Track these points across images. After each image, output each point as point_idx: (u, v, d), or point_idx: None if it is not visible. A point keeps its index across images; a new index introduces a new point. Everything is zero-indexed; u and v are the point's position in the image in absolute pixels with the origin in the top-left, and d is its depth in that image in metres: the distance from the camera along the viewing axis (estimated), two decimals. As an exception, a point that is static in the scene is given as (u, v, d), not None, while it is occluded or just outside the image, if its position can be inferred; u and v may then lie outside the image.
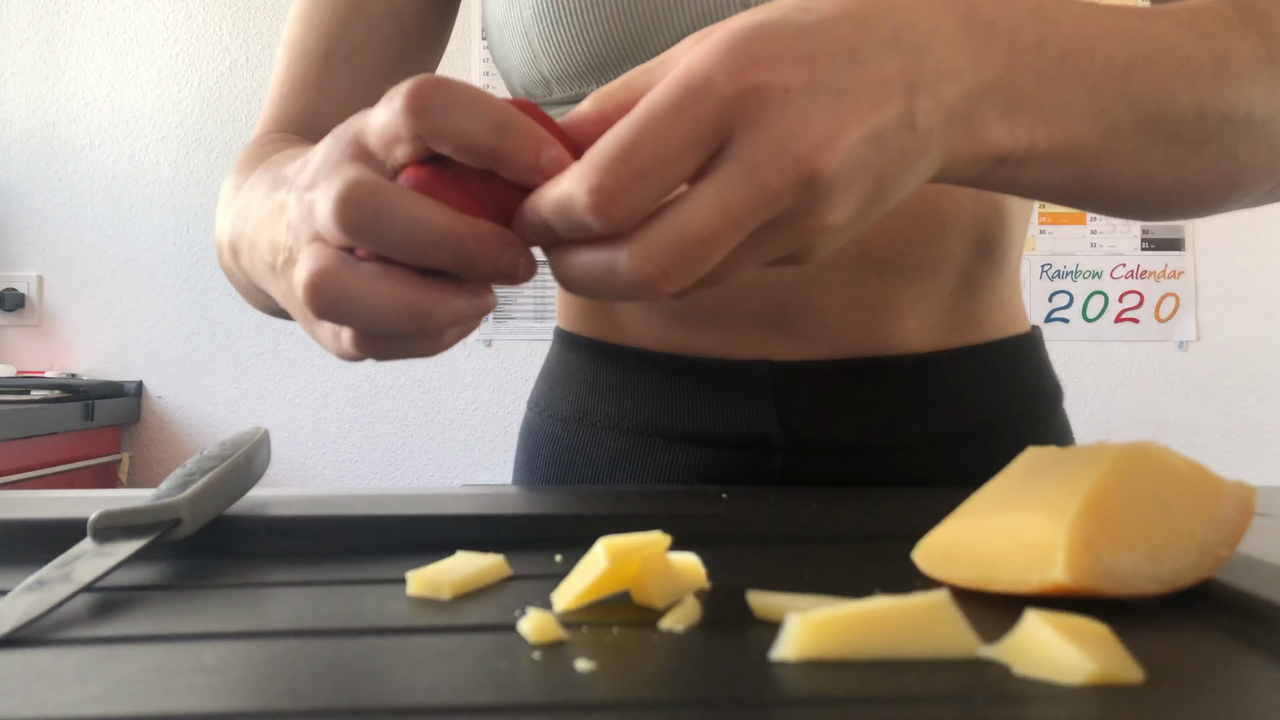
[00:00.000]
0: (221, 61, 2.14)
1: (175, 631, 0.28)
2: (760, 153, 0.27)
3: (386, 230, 0.28)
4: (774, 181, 0.27)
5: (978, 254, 0.57)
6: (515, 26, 0.55)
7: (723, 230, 0.27)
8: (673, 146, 0.26)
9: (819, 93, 0.27)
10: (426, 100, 0.28)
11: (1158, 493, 0.30)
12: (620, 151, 0.26)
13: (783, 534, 0.41)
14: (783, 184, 0.27)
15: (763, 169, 0.27)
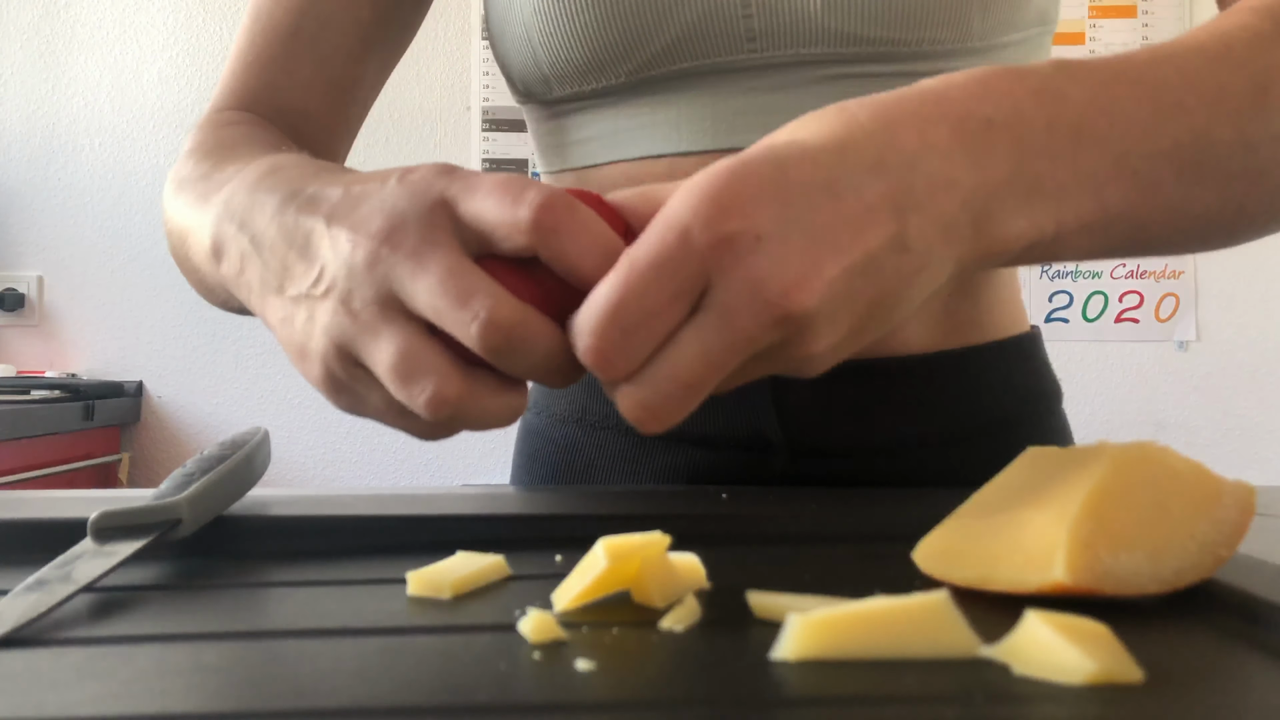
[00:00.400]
0: (221, 61, 2.14)
1: (175, 631, 0.28)
2: (734, 299, 0.28)
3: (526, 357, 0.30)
4: (749, 326, 0.28)
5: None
6: (516, 24, 0.55)
7: (704, 374, 0.29)
8: (656, 301, 0.28)
9: (790, 234, 0.28)
10: (559, 223, 0.29)
11: (1158, 493, 0.30)
12: (607, 313, 0.28)
13: (783, 534, 0.41)
14: (758, 327, 0.28)
15: (738, 315, 0.28)
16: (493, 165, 2.14)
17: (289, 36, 0.59)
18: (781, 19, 0.51)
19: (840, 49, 0.51)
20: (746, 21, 0.51)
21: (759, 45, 0.51)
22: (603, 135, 0.56)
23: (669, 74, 0.53)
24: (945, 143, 0.31)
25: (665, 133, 0.54)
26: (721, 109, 0.53)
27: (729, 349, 0.29)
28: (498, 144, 2.14)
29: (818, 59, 0.51)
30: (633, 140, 0.55)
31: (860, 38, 0.50)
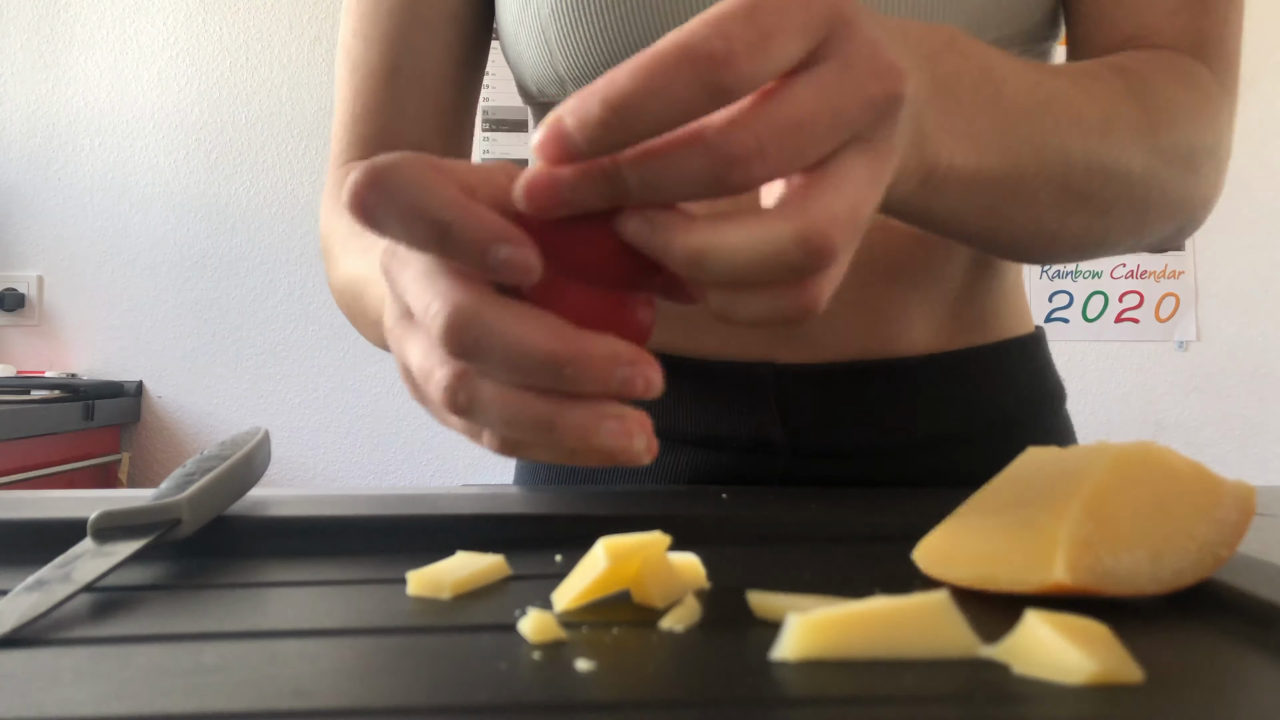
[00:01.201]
0: (221, 61, 2.14)
1: (175, 631, 0.28)
2: (856, 52, 0.27)
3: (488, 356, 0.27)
4: (863, 86, 0.27)
5: (981, 256, 0.57)
6: (531, 25, 0.55)
7: (869, 204, 0.28)
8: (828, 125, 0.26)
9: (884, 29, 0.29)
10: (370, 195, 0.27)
11: (1158, 493, 0.30)
12: (783, 116, 0.26)
13: (783, 534, 0.41)
14: (868, 92, 0.27)
15: (856, 70, 0.27)
16: (493, 165, 2.14)
17: (390, 76, 0.60)
18: None
19: None
20: None
21: None
22: None
23: None
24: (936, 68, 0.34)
25: None
26: None
27: (884, 184, 0.28)
28: (498, 144, 2.14)
29: None
30: None
31: None
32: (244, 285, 2.12)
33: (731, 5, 0.25)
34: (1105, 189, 0.43)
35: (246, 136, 2.13)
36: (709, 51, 0.24)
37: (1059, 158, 0.40)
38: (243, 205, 2.12)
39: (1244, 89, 0.57)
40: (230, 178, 2.12)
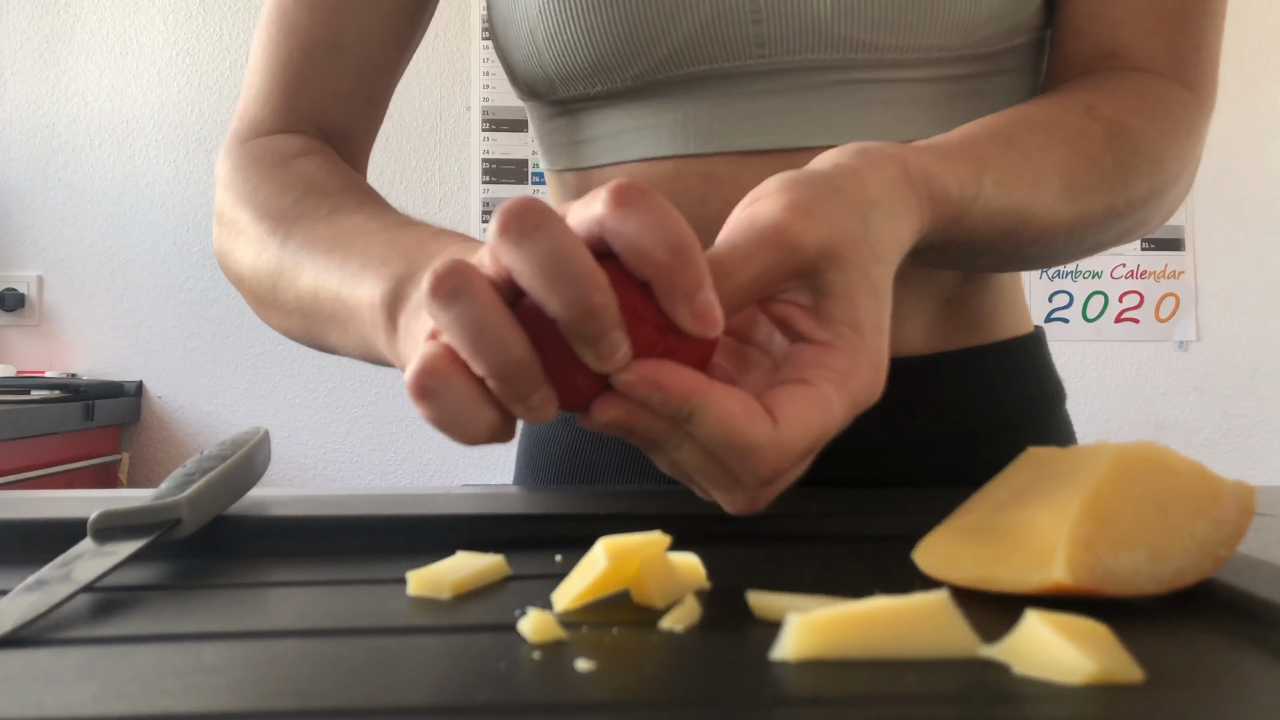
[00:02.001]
0: (221, 61, 2.14)
1: (175, 631, 0.28)
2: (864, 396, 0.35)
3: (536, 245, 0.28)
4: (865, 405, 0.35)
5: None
6: (520, 25, 0.55)
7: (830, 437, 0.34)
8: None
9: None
10: (629, 198, 0.29)
11: (1158, 493, 0.30)
12: (808, 448, 0.33)
13: (783, 534, 0.41)
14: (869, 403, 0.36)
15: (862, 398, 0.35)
16: (493, 165, 2.14)
17: (330, 51, 0.57)
18: (791, 24, 0.50)
19: (849, 54, 0.51)
20: (755, 27, 0.51)
21: (768, 50, 0.51)
22: (608, 136, 0.56)
23: (675, 78, 0.53)
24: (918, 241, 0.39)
25: (671, 134, 0.54)
26: (728, 111, 0.53)
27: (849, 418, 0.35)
28: (498, 144, 2.14)
29: (826, 64, 0.51)
30: (638, 142, 0.55)
31: (869, 44, 0.50)
32: (244, 285, 2.11)
33: (801, 441, 0.32)
34: (1054, 255, 0.50)
35: (246, 136, 2.12)
36: (758, 470, 0.31)
37: (1007, 255, 0.47)
38: (243, 205, 2.12)
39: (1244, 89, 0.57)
40: (230, 178, 2.12)
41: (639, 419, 0.31)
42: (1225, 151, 2.11)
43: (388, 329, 0.41)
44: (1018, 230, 0.44)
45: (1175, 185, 0.52)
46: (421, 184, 2.14)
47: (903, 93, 0.52)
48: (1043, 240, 0.46)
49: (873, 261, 0.34)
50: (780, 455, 0.31)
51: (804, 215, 0.33)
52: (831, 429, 0.32)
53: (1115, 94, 0.51)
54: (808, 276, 0.33)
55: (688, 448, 0.31)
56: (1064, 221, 0.46)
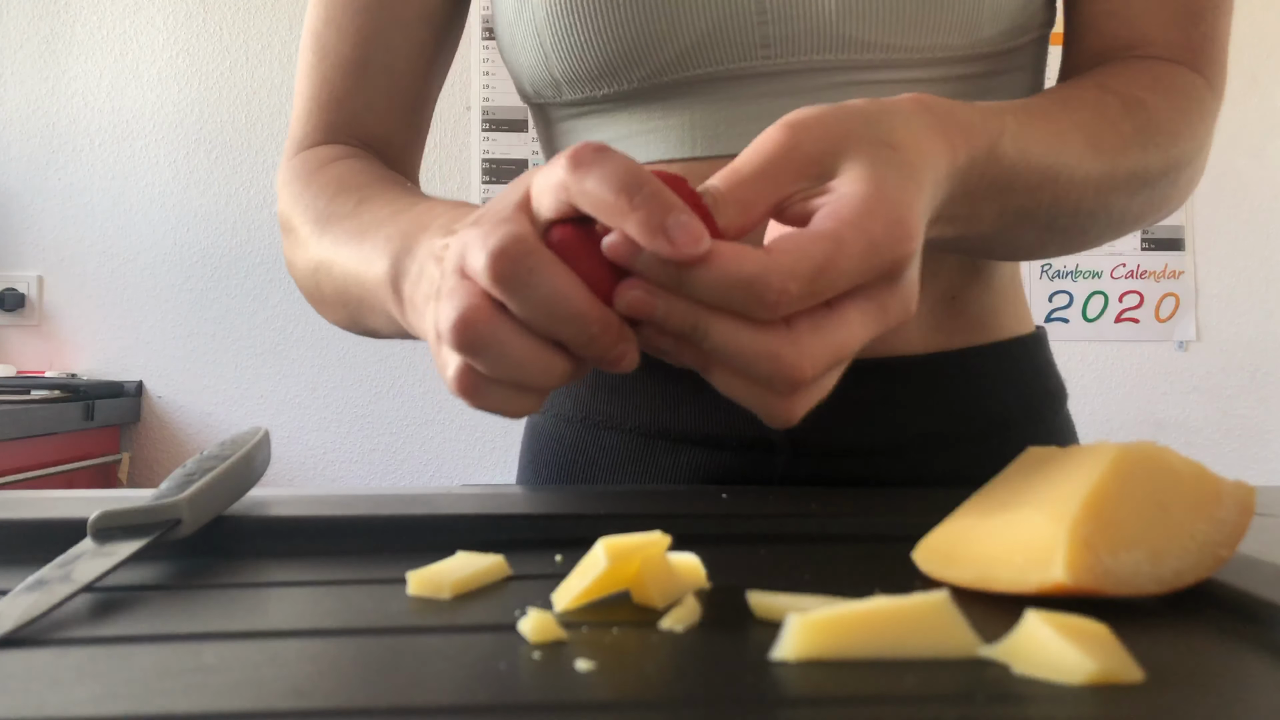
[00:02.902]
0: (221, 61, 2.14)
1: (175, 631, 0.28)
2: (892, 302, 0.34)
3: (531, 292, 0.31)
4: (892, 323, 0.34)
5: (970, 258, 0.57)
6: (527, 28, 0.55)
7: (852, 347, 0.33)
8: (845, 285, 0.32)
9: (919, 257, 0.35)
10: (582, 166, 0.32)
11: (1158, 493, 0.30)
12: (813, 272, 0.31)
13: (783, 534, 0.41)
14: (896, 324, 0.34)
15: (890, 313, 0.34)
16: (493, 165, 2.14)
17: (360, 69, 0.60)
18: (796, 26, 0.51)
19: (854, 55, 0.51)
20: (761, 29, 0.51)
21: (773, 52, 0.51)
22: (614, 139, 0.56)
23: (682, 80, 0.53)
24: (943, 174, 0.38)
25: (679, 137, 0.54)
26: (735, 114, 0.53)
27: (875, 332, 0.33)
28: (498, 144, 2.14)
29: (832, 65, 0.51)
30: (645, 144, 0.55)
31: (874, 44, 0.51)
32: (244, 285, 2.12)
33: (802, 263, 0.31)
34: (1089, 224, 0.49)
35: (246, 136, 2.13)
36: (763, 296, 0.30)
37: (1047, 213, 0.46)
38: (243, 205, 2.12)
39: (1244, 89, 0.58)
40: (230, 178, 2.12)
41: (659, 301, 0.32)
42: (1225, 151, 2.11)
43: (395, 303, 0.43)
44: (1051, 178, 0.44)
45: (1190, 165, 0.53)
46: (422, 184, 2.12)
47: (907, 93, 0.52)
48: (1074, 194, 0.46)
49: (884, 147, 0.34)
50: (782, 276, 0.30)
51: (801, 121, 0.34)
52: (846, 264, 0.31)
53: (1128, 74, 0.52)
54: (816, 176, 0.34)
55: (714, 327, 0.32)
56: (1091, 177, 0.46)
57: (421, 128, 0.64)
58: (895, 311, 0.33)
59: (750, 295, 0.30)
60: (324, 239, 0.51)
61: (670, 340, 0.33)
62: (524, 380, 0.33)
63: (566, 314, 0.31)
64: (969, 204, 0.41)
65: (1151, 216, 0.53)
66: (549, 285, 0.31)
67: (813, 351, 0.32)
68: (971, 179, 0.40)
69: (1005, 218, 0.44)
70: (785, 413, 0.33)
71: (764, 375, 0.32)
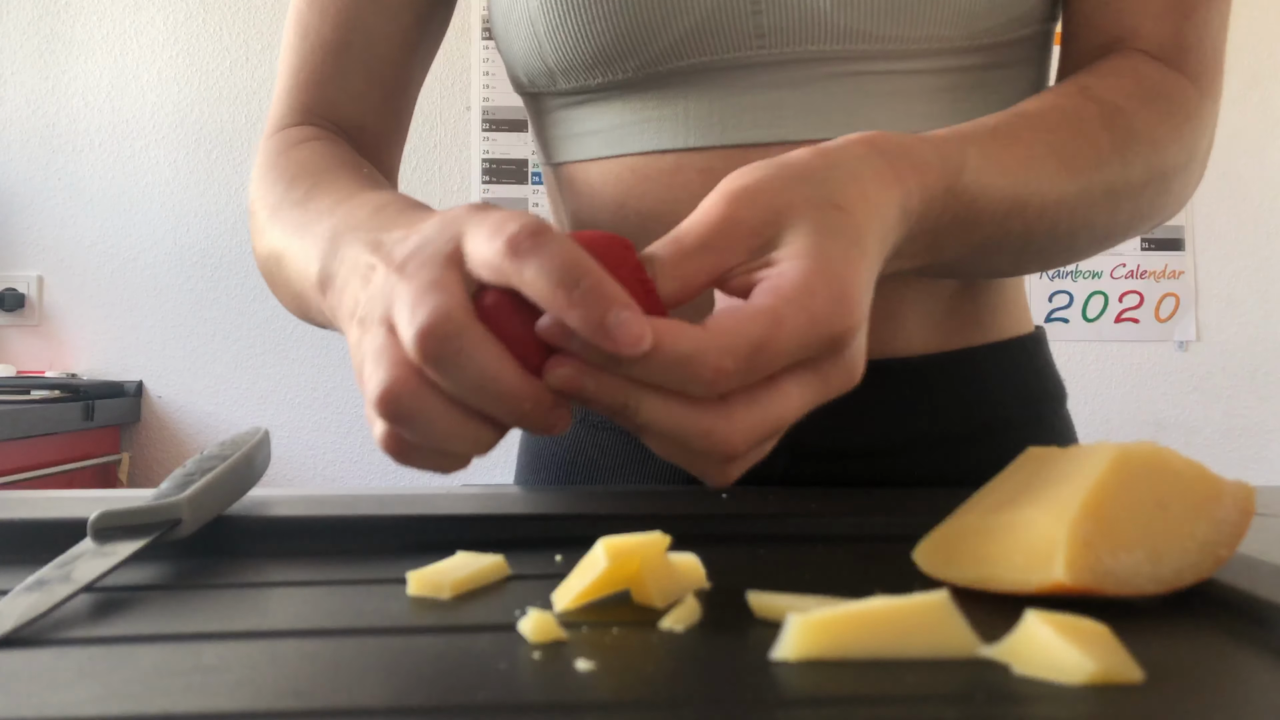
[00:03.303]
0: (221, 61, 2.14)
1: (175, 631, 0.28)
2: (836, 374, 0.33)
3: (460, 372, 0.30)
4: (836, 392, 0.34)
5: None
6: (521, 17, 0.55)
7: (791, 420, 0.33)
8: (784, 361, 0.31)
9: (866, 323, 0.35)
10: (524, 250, 0.31)
11: (1158, 493, 0.30)
12: (751, 350, 0.30)
13: (783, 534, 0.41)
14: (840, 393, 0.34)
15: (833, 384, 0.33)
16: (493, 165, 2.14)
17: (339, 52, 0.60)
18: (791, 15, 0.51)
19: (849, 46, 0.51)
20: (755, 18, 0.51)
21: (768, 42, 0.51)
22: (608, 129, 0.56)
23: (676, 70, 0.53)
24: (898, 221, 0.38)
25: (672, 128, 0.54)
26: (729, 105, 0.53)
27: (814, 404, 0.33)
28: (498, 144, 2.14)
29: (826, 56, 0.51)
30: (638, 135, 0.54)
31: (869, 34, 0.50)
32: (244, 285, 2.12)
33: (740, 341, 0.30)
34: (1071, 242, 0.50)
35: (246, 136, 2.13)
36: (699, 375, 0.30)
37: (1020, 240, 0.46)
38: (243, 205, 2.12)
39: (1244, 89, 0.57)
40: (230, 178, 2.12)
41: (588, 380, 0.31)
42: (1225, 151, 2.11)
43: (325, 305, 0.42)
44: (1020, 207, 0.44)
45: (1181, 174, 0.52)
46: (422, 184, 2.14)
47: (904, 85, 0.52)
48: (1047, 218, 0.46)
49: (829, 209, 0.34)
50: (719, 355, 0.30)
51: (741, 190, 0.34)
52: (785, 341, 0.31)
53: (1111, 77, 0.51)
54: (759, 249, 0.33)
55: (644, 404, 0.31)
56: (1066, 199, 0.46)
57: (401, 116, 0.64)
58: (837, 382, 0.33)
59: (687, 374, 0.30)
60: (275, 228, 0.50)
61: (603, 409, 0.32)
62: (449, 450, 0.33)
63: (497, 393, 0.31)
64: (929, 239, 0.41)
65: (1144, 225, 0.53)
66: (479, 366, 0.30)
67: (746, 425, 0.31)
68: (929, 218, 0.40)
69: (971, 246, 0.44)
70: (720, 479, 0.33)
71: (697, 450, 0.32)
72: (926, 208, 0.39)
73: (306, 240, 0.45)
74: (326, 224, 0.43)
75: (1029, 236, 0.46)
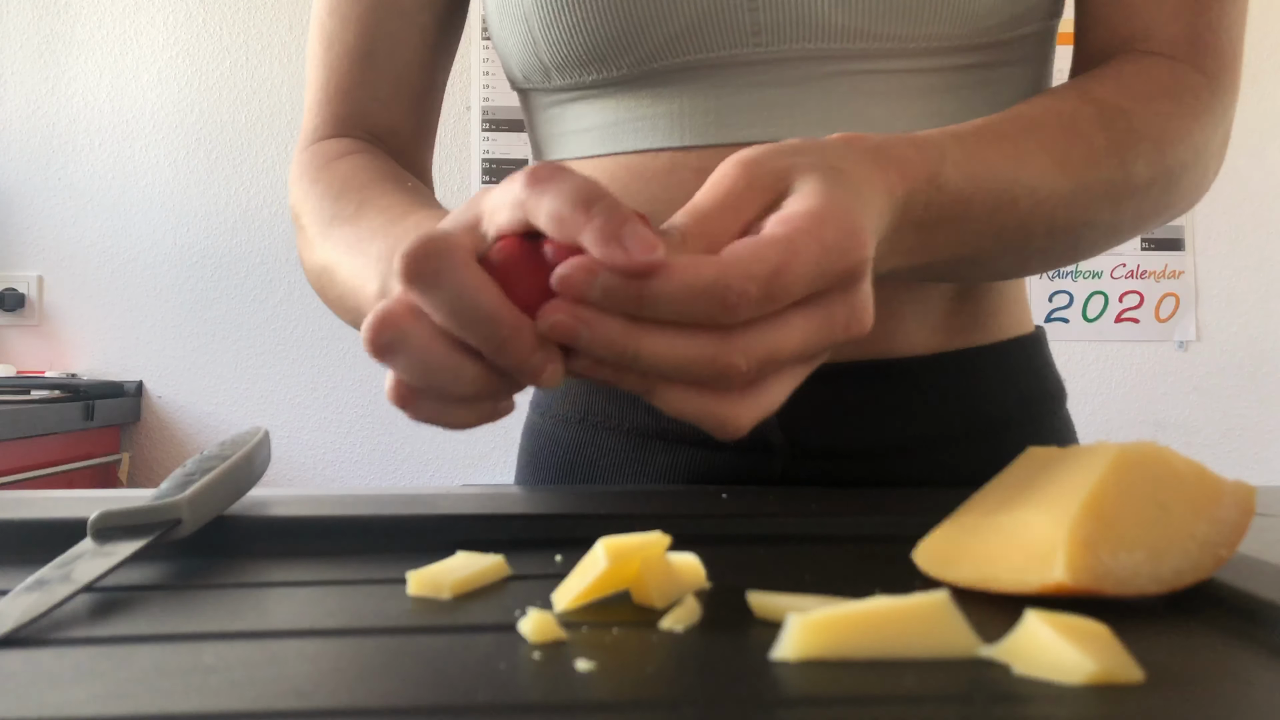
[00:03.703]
0: (221, 61, 2.14)
1: (175, 631, 0.28)
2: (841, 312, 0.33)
3: (435, 292, 0.31)
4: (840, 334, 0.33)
5: None
6: (515, 13, 0.55)
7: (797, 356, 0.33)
8: (800, 288, 0.31)
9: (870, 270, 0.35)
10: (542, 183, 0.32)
11: (1158, 493, 0.30)
12: (770, 274, 0.31)
13: (783, 534, 0.41)
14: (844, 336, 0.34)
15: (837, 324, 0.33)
16: (493, 165, 2.14)
17: (365, 59, 0.60)
18: (787, 13, 0.50)
19: (845, 44, 0.51)
20: (751, 15, 0.51)
21: (763, 39, 0.51)
22: (603, 126, 0.56)
23: (671, 67, 0.52)
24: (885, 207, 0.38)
25: (667, 126, 0.53)
26: (724, 103, 0.53)
27: (819, 345, 0.33)
28: (498, 144, 2.14)
29: (822, 54, 0.51)
30: (633, 132, 0.54)
31: (866, 32, 0.50)
32: (244, 285, 2.12)
33: (758, 266, 0.30)
34: (1074, 240, 0.49)
35: (246, 136, 2.13)
36: (724, 299, 0.30)
37: (1017, 237, 0.46)
38: (243, 205, 2.12)
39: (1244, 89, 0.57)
40: (230, 178, 2.12)
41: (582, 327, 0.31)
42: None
43: None
44: (1009, 201, 0.44)
45: (1191, 170, 0.52)
46: (421, 184, 2.14)
47: (901, 84, 0.52)
48: (1042, 215, 0.45)
49: (832, 169, 0.35)
50: (738, 279, 0.30)
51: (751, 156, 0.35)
52: (800, 267, 0.31)
53: (1116, 78, 0.51)
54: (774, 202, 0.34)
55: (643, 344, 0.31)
56: (1060, 195, 0.45)
57: (429, 118, 0.65)
58: (843, 321, 0.33)
59: (711, 301, 0.30)
60: (327, 243, 0.52)
61: (608, 369, 0.33)
62: (435, 385, 0.33)
63: (475, 315, 0.31)
64: (918, 235, 0.41)
65: (1152, 221, 0.52)
66: (457, 284, 0.31)
67: (747, 346, 0.31)
68: (914, 210, 0.40)
69: (965, 244, 0.44)
70: (732, 419, 0.33)
71: (699, 377, 0.32)
72: (910, 198, 0.39)
73: (360, 260, 0.47)
74: (381, 244, 0.46)
75: (1027, 234, 0.46)
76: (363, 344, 0.33)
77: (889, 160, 0.38)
